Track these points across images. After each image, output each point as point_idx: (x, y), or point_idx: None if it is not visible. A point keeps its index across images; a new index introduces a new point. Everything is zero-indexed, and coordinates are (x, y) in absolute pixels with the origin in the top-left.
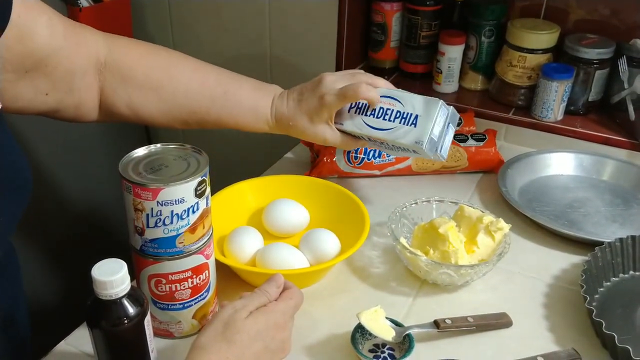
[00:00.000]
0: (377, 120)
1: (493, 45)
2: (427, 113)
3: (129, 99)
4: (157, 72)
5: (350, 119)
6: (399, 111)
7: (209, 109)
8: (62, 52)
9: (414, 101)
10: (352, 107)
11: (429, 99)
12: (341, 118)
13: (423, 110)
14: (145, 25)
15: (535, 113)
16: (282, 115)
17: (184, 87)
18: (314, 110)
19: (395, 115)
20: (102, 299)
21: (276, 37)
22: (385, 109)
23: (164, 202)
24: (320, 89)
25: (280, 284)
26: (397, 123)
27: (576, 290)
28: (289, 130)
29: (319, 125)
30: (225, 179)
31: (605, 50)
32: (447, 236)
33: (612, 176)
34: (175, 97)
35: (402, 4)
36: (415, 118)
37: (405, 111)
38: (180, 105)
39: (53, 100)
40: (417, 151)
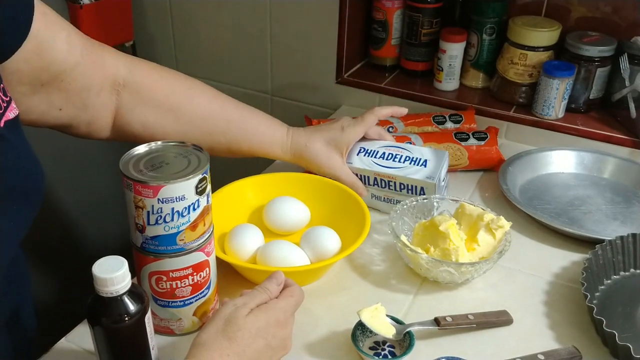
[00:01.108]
0: (387, 161)
1: (494, 42)
2: (436, 159)
3: (145, 118)
4: (178, 94)
5: (359, 160)
6: (408, 156)
7: (224, 131)
8: (78, 69)
9: (422, 150)
10: (360, 152)
11: (436, 151)
12: (350, 158)
13: (431, 156)
14: (146, 22)
15: (537, 111)
16: (298, 137)
17: (203, 110)
18: (331, 136)
19: (404, 158)
20: (103, 296)
21: (277, 34)
22: (394, 154)
23: (164, 199)
24: (338, 120)
25: (280, 282)
26: (407, 164)
27: (577, 288)
28: (303, 156)
29: (333, 153)
30: (226, 177)
31: (606, 48)
32: (448, 234)
33: (613, 174)
34: (193, 118)
35: (403, 1)
36: (425, 162)
37: (414, 156)
38: (197, 127)
39: (66, 116)
40: (425, 188)
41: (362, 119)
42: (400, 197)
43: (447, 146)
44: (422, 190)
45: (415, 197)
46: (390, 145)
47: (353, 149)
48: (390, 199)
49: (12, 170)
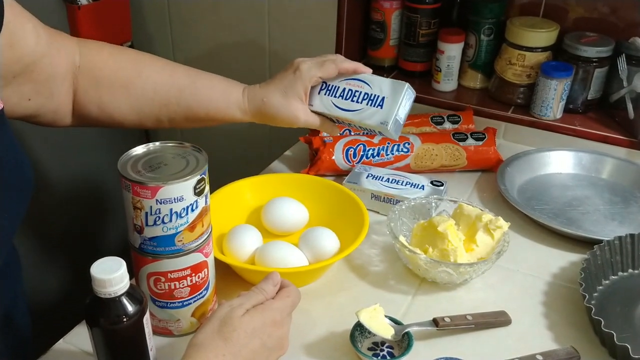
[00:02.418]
0: (346, 101)
1: (492, 43)
2: (394, 95)
3: (99, 99)
4: (126, 70)
5: (319, 100)
6: (366, 93)
7: (178, 99)
8: (45, 59)
9: (381, 84)
10: (321, 89)
11: (396, 82)
12: (311, 99)
13: (390, 92)
14: (145, 23)
15: (535, 111)
16: (254, 94)
17: (153, 81)
18: (287, 84)
19: (362, 97)
20: (101, 297)
21: (275, 35)
22: (353, 90)
23: (162, 200)
24: (292, 65)
25: (277, 282)
26: (364, 105)
27: (575, 288)
28: (263, 112)
29: (292, 101)
30: (224, 177)
31: (604, 49)
32: (446, 234)
33: (611, 174)
34: (144, 91)
35: (402, 2)
36: (382, 100)
37: (373, 93)
38: (150, 100)
39: (34, 105)
40: (382, 132)
41: (322, 65)
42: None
43: (445, 146)
44: (381, 133)
45: (414, 198)
46: (351, 78)
47: (314, 88)
48: (389, 199)
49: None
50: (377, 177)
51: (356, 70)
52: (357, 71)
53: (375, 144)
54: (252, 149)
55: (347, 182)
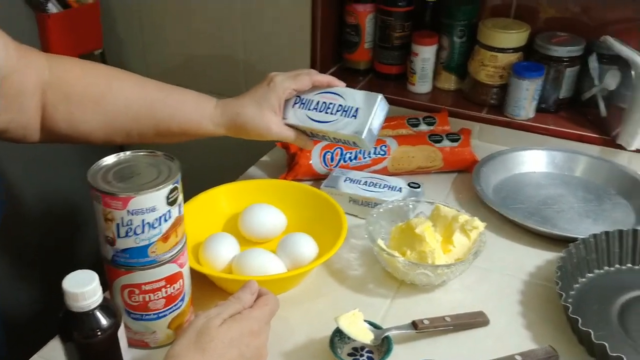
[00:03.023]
0: (320, 113)
1: (465, 45)
2: (367, 106)
3: (69, 115)
4: (97, 85)
5: (293, 113)
6: (340, 105)
7: (150, 114)
8: (15, 74)
9: (355, 95)
10: (295, 103)
11: (370, 94)
12: (285, 113)
13: (363, 103)
14: (116, 30)
15: (508, 112)
16: (228, 106)
17: (124, 96)
18: (261, 95)
19: (337, 108)
20: (74, 311)
21: (249, 40)
22: (327, 103)
23: (134, 211)
24: (266, 78)
25: (254, 291)
26: (338, 116)
27: (552, 287)
28: (236, 125)
29: (265, 113)
30: (199, 185)
31: (575, 48)
32: (424, 236)
33: (585, 172)
34: (115, 106)
35: (375, 6)
36: (356, 110)
37: (347, 104)
38: (121, 114)
39: (4, 120)
40: (356, 142)
41: (295, 78)
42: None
43: (421, 148)
44: (355, 144)
45: (391, 201)
46: (325, 92)
47: (288, 101)
48: (368, 202)
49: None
50: (354, 181)
51: (330, 83)
52: (331, 84)
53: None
54: (228, 155)
55: (325, 186)
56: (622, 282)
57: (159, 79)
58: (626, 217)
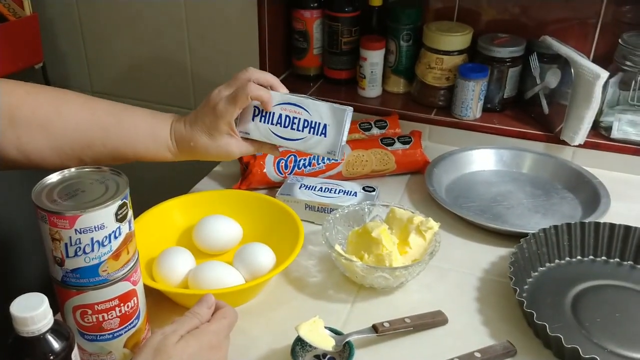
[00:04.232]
0: (285, 129)
1: (412, 48)
2: (336, 123)
3: (17, 140)
4: (45, 108)
5: (256, 128)
6: (306, 120)
7: (103, 141)
8: None
9: (320, 110)
10: (255, 116)
11: (336, 108)
12: (246, 127)
13: (331, 120)
14: (56, 42)
15: (456, 112)
16: (181, 137)
17: (74, 120)
18: (210, 125)
19: (303, 124)
20: (24, 336)
21: (196, 48)
22: (292, 117)
23: (82, 229)
24: (210, 102)
25: (211, 304)
26: (306, 133)
27: (506, 282)
28: (193, 153)
29: (220, 139)
30: (150, 199)
31: (516, 49)
32: (380, 239)
33: (532, 168)
34: (65, 131)
35: (322, 11)
36: (324, 128)
37: (313, 120)
38: (72, 140)
39: None
40: (329, 158)
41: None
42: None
43: (374, 152)
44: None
45: (347, 205)
46: (284, 103)
47: (246, 111)
48: (324, 208)
49: None
50: (310, 187)
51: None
52: (269, 82)
53: (307, 153)
54: (179, 168)
55: (280, 194)
56: (573, 274)
57: (105, 91)
58: (573, 211)
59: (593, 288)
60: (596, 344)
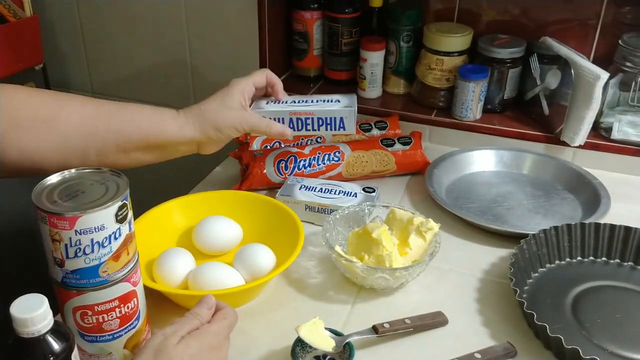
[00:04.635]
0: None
1: (412, 49)
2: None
3: (19, 142)
4: (48, 105)
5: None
6: (319, 99)
7: (107, 126)
8: None
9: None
10: (268, 102)
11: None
12: (259, 105)
13: (342, 96)
14: (57, 43)
15: (456, 113)
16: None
17: (78, 113)
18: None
19: (315, 101)
20: (24, 337)
21: (196, 49)
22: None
23: (82, 230)
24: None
25: (211, 305)
26: (320, 103)
27: (506, 283)
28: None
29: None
30: (151, 200)
31: (516, 50)
32: (381, 240)
33: (532, 169)
34: (68, 124)
35: (322, 12)
36: (337, 100)
37: (324, 98)
38: (75, 132)
39: None
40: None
41: (250, 76)
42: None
43: (374, 153)
44: (342, 122)
45: (347, 206)
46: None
47: (259, 101)
48: (324, 209)
49: None
50: (310, 188)
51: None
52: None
53: (306, 154)
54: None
55: (280, 195)
56: (574, 275)
57: (105, 91)
58: (573, 212)
59: (593, 289)
60: (596, 345)
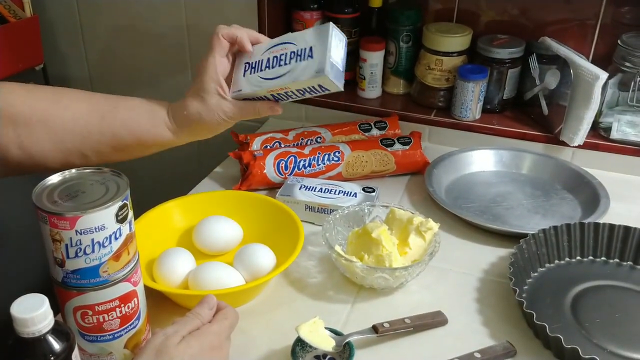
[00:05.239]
0: (273, 69)
1: (411, 49)
2: (321, 40)
3: (18, 139)
4: (43, 103)
5: (247, 83)
6: (292, 52)
7: (101, 128)
8: None
9: (305, 36)
10: (245, 71)
11: (320, 27)
12: (237, 85)
13: (315, 39)
14: (56, 43)
15: (455, 113)
16: (176, 109)
17: (71, 111)
18: (198, 86)
19: (289, 57)
20: (25, 337)
21: (196, 50)
22: (279, 56)
23: (83, 230)
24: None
25: (212, 305)
26: (293, 63)
27: (506, 283)
28: (190, 125)
29: (210, 101)
30: (151, 200)
31: (516, 50)
32: (380, 240)
33: (531, 169)
34: (64, 124)
35: (322, 13)
36: (310, 50)
37: (299, 48)
38: (71, 132)
39: None
40: (323, 85)
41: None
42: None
43: (374, 153)
44: (322, 88)
45: (347, 206)
46: (273, 45)
47: (237, 70)
48: (324, 209)
49: None
50: (310, 188)
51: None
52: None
53: (306, 154)
54: (179, 168)
55: (280, 195)
56: (573, 274)
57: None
58: (573, 211)
59: (593, 288)
60: (596, 345)
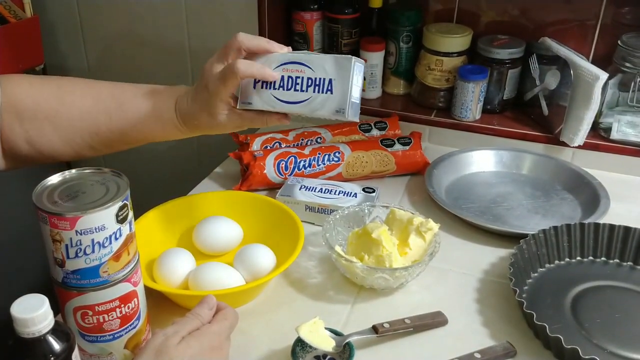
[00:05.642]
0: (288, 92)
1: (411, 50)
2: (342, 75)
3: (26, 134)
4: (48, 99)
5: (259, 97)
6: (310, 78)
7: (109, 126)
8: None
9: (324, 63)
10: (257, 83)
11: (340, 58)
12: (248, 97)
13: (336, 72)
14: (57, 44)
15: (455, 114)
16: (186, 115)
17: (78, 109)
18: (207, 103)
19: (307, 83)
20: (25, 338)
21: (196, 50)
22: (294, 77)
23: (83, 230)
24: (203, 79)
25: (212, 305)
26: (310, 92)
27: (506, 283)
28: (201, 129)
29: (220, 116)
30: (151, 200)
31: (516, 50)
32: (381, 240)
33: (531, 170)
34: (71, 121)
35: (322, 13)
36: (330, 83)
37: (317, 77)
38: (79, 129)
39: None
40: (339, 119)
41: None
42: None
43: (374, 153)
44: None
45: (347, 206)
46: (286, 63)
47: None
48: (324, 209)
49: None
50: (310, 188)
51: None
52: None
53: (306, 154)
54: (179, 168)
55: (280, 195)
56: (573, 274)
57: None
58: (573, 212)
59: (593, 289)
60: (596, 345)
